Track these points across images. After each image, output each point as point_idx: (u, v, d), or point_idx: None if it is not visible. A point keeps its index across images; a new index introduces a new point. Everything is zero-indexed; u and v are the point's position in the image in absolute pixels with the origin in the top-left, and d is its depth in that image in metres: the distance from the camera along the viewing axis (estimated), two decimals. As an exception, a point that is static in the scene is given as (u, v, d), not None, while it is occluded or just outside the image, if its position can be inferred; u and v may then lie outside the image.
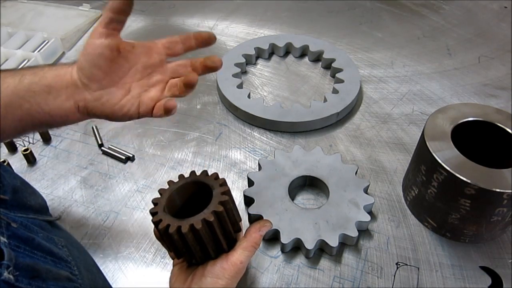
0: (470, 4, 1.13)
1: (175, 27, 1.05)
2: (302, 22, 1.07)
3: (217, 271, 0.47)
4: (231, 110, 0.82)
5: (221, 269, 0.47)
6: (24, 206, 0.45)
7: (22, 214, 0.43)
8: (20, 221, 0.41)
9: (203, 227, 0.44)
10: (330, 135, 0.78)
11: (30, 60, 0.89)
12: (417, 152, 0.63)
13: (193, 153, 0.75)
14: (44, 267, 0.39)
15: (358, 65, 0.91)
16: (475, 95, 0.86)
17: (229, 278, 0.47)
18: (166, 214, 0.46)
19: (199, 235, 0.45)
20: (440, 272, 0.59)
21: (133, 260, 0.60)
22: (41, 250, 0.41)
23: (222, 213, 0.46)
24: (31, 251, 0.39)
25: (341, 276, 0.58)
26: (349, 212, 0.61)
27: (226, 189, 0.48)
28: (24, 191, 0.46)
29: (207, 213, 0.45)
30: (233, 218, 0.49)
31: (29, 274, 0.37)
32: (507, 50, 0.97)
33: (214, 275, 0.47)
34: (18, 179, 0.47)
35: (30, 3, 1.10)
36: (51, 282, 0.39)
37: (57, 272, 0.40)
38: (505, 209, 0.55)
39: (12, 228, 0.39)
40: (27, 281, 0.36)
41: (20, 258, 0.37)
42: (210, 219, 0.44)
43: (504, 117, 0.61)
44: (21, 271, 0.36)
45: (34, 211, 0.46)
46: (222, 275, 0.47)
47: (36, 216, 0.45)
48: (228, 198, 0.47)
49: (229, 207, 0.47)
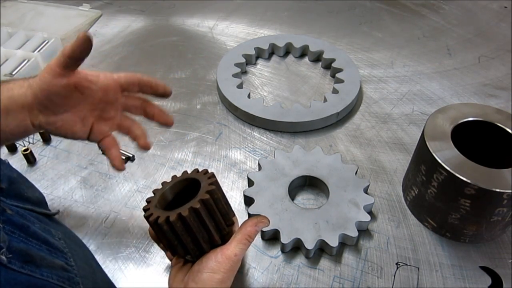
0: (470, 4, 1.13)
1: (175, 27, 1.05)
2: (302, 22, 1.07)
3: (212, 265, 0.47)
4: (231, 110, 0.82)
5: (216, 263, 0.47)
6: (21, 197, 0.45)
7: (19, 204, 0.43)
8: (16, 210, 0.41)
9: (190, 215, 0.45)
10: (330, 135, 0.78)
11: (30, 60, 0.89)
12: (417, 152, 0.63)
13: (193, 153, 0.75)
14: (38, 254, 0.39)
15: (358, 65, 0.91)
16: (475, 95, 0.86)
17: (225, 272, 0.47)
18: (157, 209, 0.48)
19: (187, 223, 0.46)
20: (440, 272, 0.59)
21: (133, 260, 0.60)
22: (36, 238, 0.40)
23: (209, 201, 0.47)
24: (26, 237, 0.39)
25: (341, 276, 0.58)
26: (349, 212, 0.61)
27: (213, 180, 0.49)
28: (21, 183, 0.46)
29: (193, 201, 0.46)
30: (223, 209, 0.49)
31: (22, 258, 0.37)
32: (507, 50, 0.97)
33: (209, 269, 0.47)
34: (14, 171, 0.47)
35: (30, 3, 1.10)
36: (45, 269, 0.39)
37: (51, 260, 0.40)
38: (505, 209, 0.55)
39: (7, 214, 0.39)
40: (20, 264, 0.36)
41: (14, 242, 0.37)
42: (196, 206, 0.45)
43: (504, 117, 0.61)
44: (14, 254, 0.36)
45: (32, 203, 0.46)
46: (218, 269, 0.47)
47: (34, 208, 0.45)
48: (214, 188, 0.48)
49: (216, 196, 0.48)
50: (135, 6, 1.12)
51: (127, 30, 1.04)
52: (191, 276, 0.47)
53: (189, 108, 0.84)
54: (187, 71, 0.92)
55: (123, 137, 0.56)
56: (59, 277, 0.40)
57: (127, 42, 1.00)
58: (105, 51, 0.97)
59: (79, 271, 0.44)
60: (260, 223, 0.51)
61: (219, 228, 0.49)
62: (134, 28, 1.05)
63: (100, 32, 1.03)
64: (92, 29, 1.04)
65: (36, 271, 0.37)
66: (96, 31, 1.03)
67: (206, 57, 0.96)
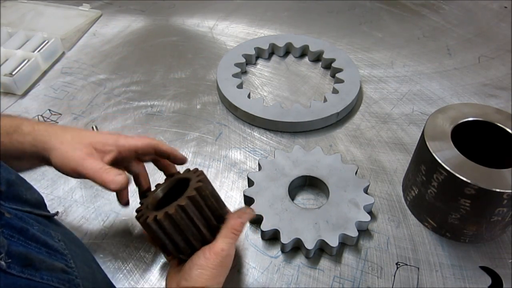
0: (470, 4, 1.13)
1: (175, 27, 1.05)
2: (302, 22, 1.07)
3: (201, 262, 0.47)
4: (231, 110, 0.82)
5: (204, 259, 0.47)
6: (20, 199, 0.44)
7: (17, 206, 0.43)
8: (14, 213, 0.41)
9: (177, 212, 0.45)
10: (330, 135, 0.78)
11: (30, 60, 0.89)
12: (417, 152, 0.63)
13: (193, 153, 0.75)
14: (38, 257, 0.39)
15: (358, 65, 0.91)
16: (475, 95, 0.86)
17: (213, 268, 0.47)
18: (148, 209, 0.49)
19: (175, 221, 0.46)
20: (440, 272, 0.59)
21: (133, 260, 0.60)
22: (36, 241, 0.40)
23: (196, 198, 0.47)
24: (25, 241, 0.39)
25: (341, 276, 0.58)
26: (349, 212, 0.61)
27: (201, 177, 0.49)
28: (20, 185, 0.46)
29: (181, 199, 0.47)
30: (212, 206, 0.49)
31: (21, 262, 0.36)
32: (507, 50, 0.97)
33: (199, 266, 0.47)
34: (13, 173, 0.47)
35: (30, 3, 1.10)
36: (45, 272, 0.38)
37: (51, 263, 0.40)
38: (505, 209, 0.55)
39: (5, 218, 0.39)
40: (20, 269, 0.36)
41: (13, 246, 0.37)
42: (182, 203, 0.45)
43: (504, 117, 0.61)
44: (14, 258, 0.36)
45: (31, 205, 0.46)
46: (206, 265, 0.47)
47: (32, 209, 0.45)
48: (202, 184, 0.48)
49: (204, 193, 0.48)
50: (135, 6, 1.12)
51: (127, 30, 1.04)
52: (183, 274, 0.48)
53: (189, 108, 0.84)
54: (187, 71, 0.92)
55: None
56: (59, 279, 0.40)
57: (127, 42, 1.00)
58: (105, 51, 0.97)
59: (79, 273, 0.43)
60: (244, 214, 0.51)
61: (209, 225, 0.49)
62: (134, 28, 1.05)
63: (100, 32, 1.03)
64: (92, 29, 1.04)
65: (36, 275, 0.37)
66: (96, 31, 1.03)
67: (206, 57, 0.96)
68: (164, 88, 0.88)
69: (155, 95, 0.86)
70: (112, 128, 0.79)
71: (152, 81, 0.89)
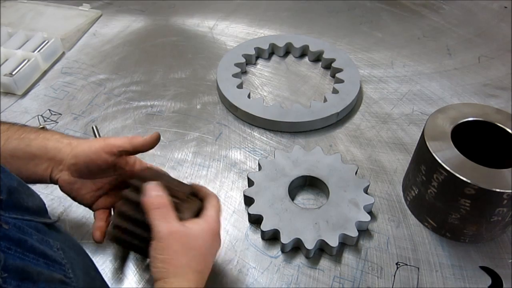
0: (470, 4, 1.13)
1: (175, 27, 1.05)
2: (302, 22, 1.07)
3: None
4: (231, 110, 0.82)
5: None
6: (20, 207, 0.44)
7: (17, 215, 0.43)
8: (13, 223, 0.41)
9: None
10: (330, 135, 0.78)
11: (30, 60, 0.89)
12: (417, 152, 0.63)
13: (193, 153, 0.75)
14: (36, 269, 0.39)
15: (358, 65, 0.91)
16: (475, 95, 0.86)
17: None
18: None
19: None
20: (440, 272, 0.59)
21: (133, 260, 0.60)
22: (34, 252, 0.40)
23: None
24: (23, 252, 0.39)
25: (341, 276, 0.58)
26: (349, 212, 0.61)
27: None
28: (21, 192, 0.46)
29: None
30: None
31: (18, 276, 0.36)
32: (507, 50, 0.97)
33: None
34: (15, 179, 0.47)
35: (30, 3, 1.10)
36: (42, 284, 0.38)
37: (49, 274, 0.40)
38: (505, 209, 0.55)
39: (3, 230, 0.39)
40: (16, 283, 0.36)
41: (10, 259, 0.37)
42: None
43: (504, 117, 0.61)
44: (10, 272, 0.36)
45: (31, 212, 0.45)
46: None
47: (33, 217, 0.45)
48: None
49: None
50: (135, 6, 1.12)
51: (127, 30, 1.04)
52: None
53: (189, 108, 0.84)
54: (187, 71, 0.92)
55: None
56: None
57: (127, 42, 1.00)
58: (105, 51, 0.97)
59: (78, 282, 0.43)
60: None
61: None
62: (134, 28, 1.05)
63: (100, 32, 1.03)
64: (92, 29, 1.04)
65: None
66: (96, 31, 1.03)
67: (206, 57, 0.96)
68: (164, 88, 0.88)
69: (155, 95, 0.86)
70: (112, 127, 0.79)
71: (152, 81, 0.89)
